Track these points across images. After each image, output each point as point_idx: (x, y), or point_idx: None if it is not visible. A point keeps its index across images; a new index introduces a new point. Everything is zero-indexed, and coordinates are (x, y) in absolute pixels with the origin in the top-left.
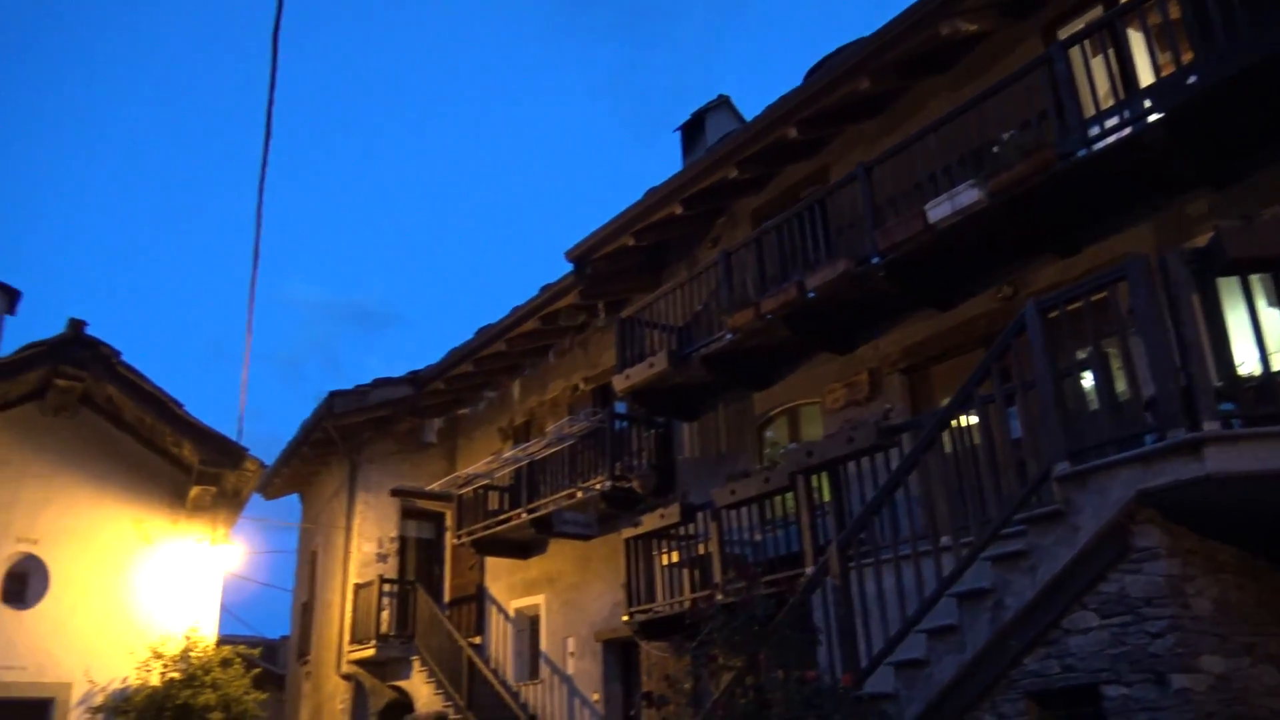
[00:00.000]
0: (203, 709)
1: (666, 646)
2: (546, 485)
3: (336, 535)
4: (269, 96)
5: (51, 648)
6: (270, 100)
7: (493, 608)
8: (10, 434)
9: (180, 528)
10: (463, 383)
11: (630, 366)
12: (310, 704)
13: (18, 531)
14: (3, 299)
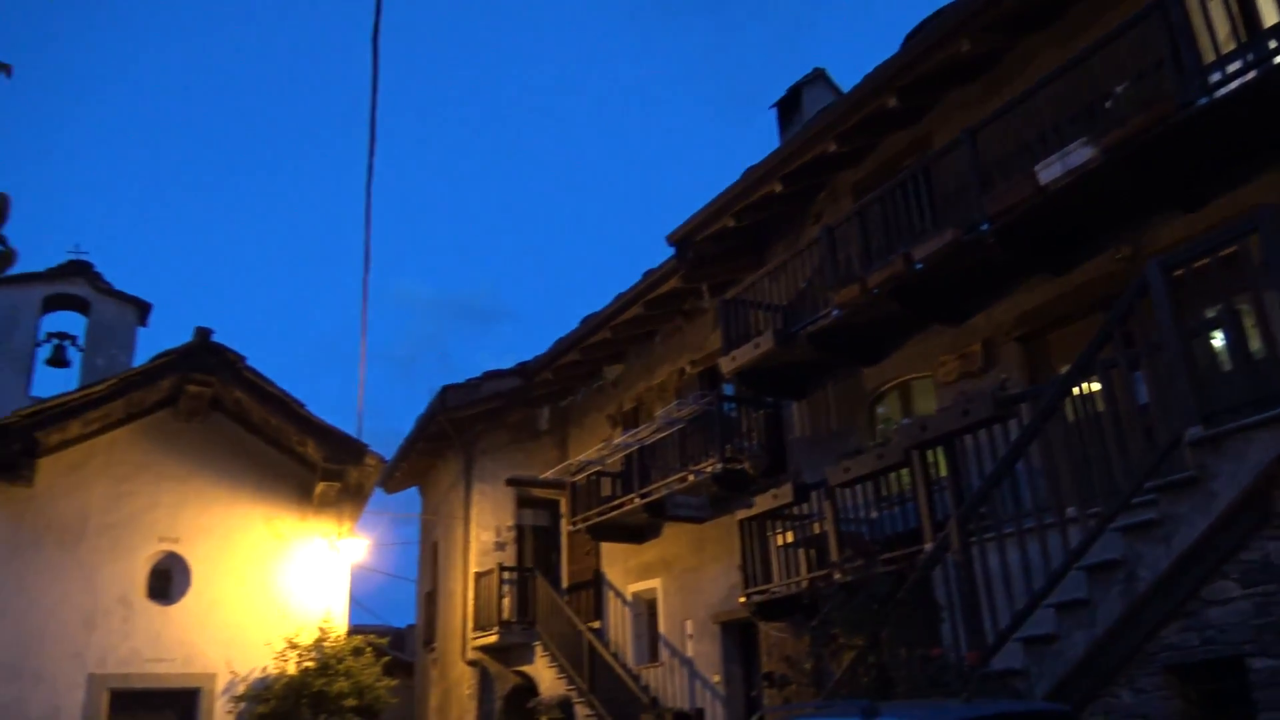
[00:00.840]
0: (337, 696)
1: (785, 627)
2: (658, 470)
3: (455, 525)
4: (372, 99)
5: (195, 640)
6: (373, 102)
7: (610, 592)
8: (148, 440)
9: (308, 523)
10: (571, 371)
11: (736, 348)
12: (438, 690)
13: (160, 531)
14: (134, 311)
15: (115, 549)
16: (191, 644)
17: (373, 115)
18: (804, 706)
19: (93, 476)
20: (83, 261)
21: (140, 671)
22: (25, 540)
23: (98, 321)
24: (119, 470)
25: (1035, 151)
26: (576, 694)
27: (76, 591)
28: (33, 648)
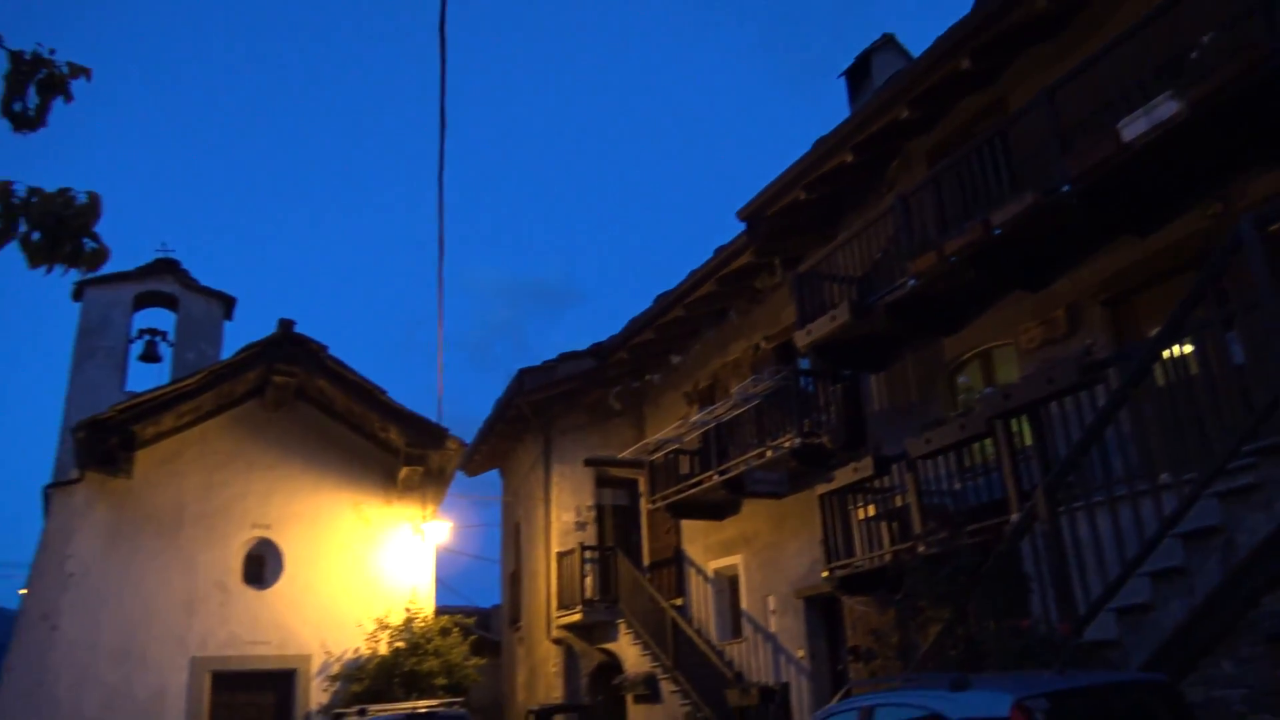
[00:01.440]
0: (427, 675)
1: (869, 601)
2: (735, 446)
3: (536, 506)
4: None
5: (290, 623)
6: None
7: (691, 569)
8: (238, 430)
9: (393, 507)
10: (645, 351)
11: (811, 321)
12: (525, 668)
13: (252, 518)
14: (220, 306)
15: (211, 536)
16: (287, 627)
17: (441, 103)
18: (891, 680)
19: (187, 467)
20: (170, 259)
21: (239, 654)
22: (127, 530)
23: (186, 317)
24: (211, 460)
25: (1117, 108)
26: (661, 670)
27: (176, 578)
28: (138, 632)
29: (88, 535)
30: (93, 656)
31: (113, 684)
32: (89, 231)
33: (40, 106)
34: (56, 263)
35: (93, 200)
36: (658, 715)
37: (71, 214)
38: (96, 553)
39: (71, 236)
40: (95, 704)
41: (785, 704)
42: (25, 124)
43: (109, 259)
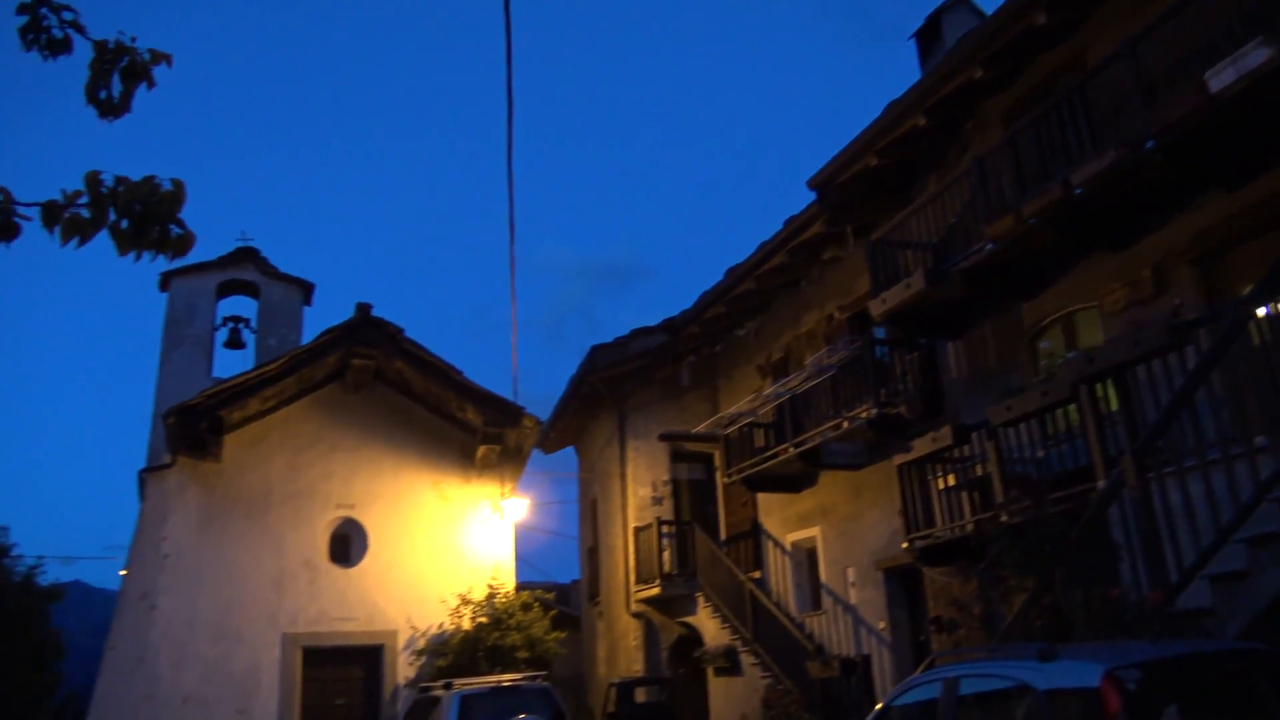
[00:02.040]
0: (510, 649)
1: (951, 571)
2: (811, 418)
3: (612, 482)
4: (507, 69)
5: (376, 599)
6: (508, 72)
7: (769, 542)
8: (320, 413)
9: (472, 486)
10: (717, 325)
11: (885, 290)
12: (605, 642)
13: (336, 499)
14: (300, 292)
15: (297, 516)
16: (373, 603)
17: (509, 86)
18: (975, 650)
19: (272, 450)
20: (250, 248)
21: (328, 630)
22: (218, 512)
23: (267, 303)
24: (295, 443)
25: (1203, 58)
26: (741, 643)
27: (266, 557)
28: (232, 610)
29: (181, 517)
30: (190, 634)
31: (210, 660)
32: (174, 218)
33: (124, 94)
34: (144, 249)
35: (177, 187)
36: (738, 688)
37: (157, 201)
38: (190, 534)
39: (158, 223)
40: (194, 679)
41: (867, 676)
42: (110, 111)
43: (194, 244)
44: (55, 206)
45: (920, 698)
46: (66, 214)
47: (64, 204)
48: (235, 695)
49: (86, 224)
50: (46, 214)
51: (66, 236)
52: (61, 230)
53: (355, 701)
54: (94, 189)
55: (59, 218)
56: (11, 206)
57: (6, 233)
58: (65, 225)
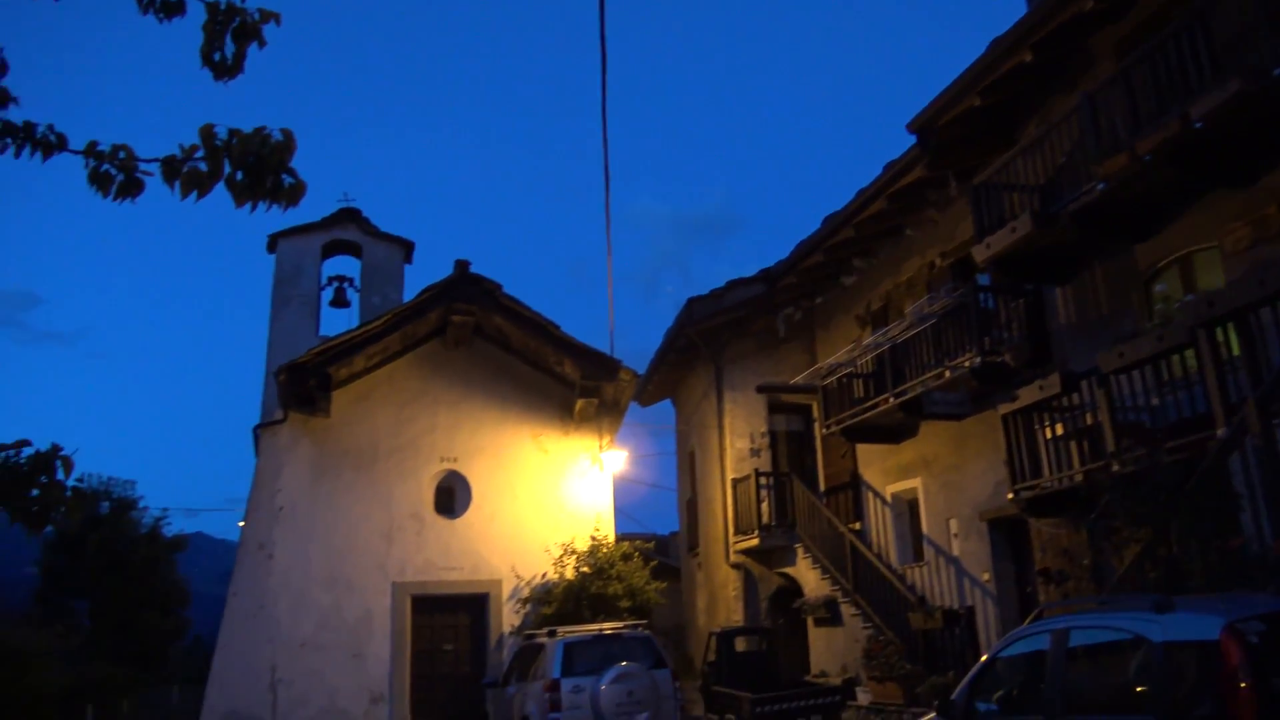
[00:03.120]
0: (612, 598)
1: (1059, 522)
2: (911, 368)
3: (709, 434)
4: (600, 27)
5: (480, 550)
6: (602, 23)
7: (869, 493)
8: (423, 368)
9: (571, 439)
10: (814, 274)
11: (990, 235)
12: (704, 592)
13: (440, 452)
14: (401, 250)
15: (403, 469)
16: (477, 554)
17: (602, 39)
18: (1086, 602)
19: (378, 405)
20: (352, 208)
21: (435, 579)
22: (328, 465)
23: (369, 263)
24: (399, 398)
25: None
26: (841, 594)
27: (375, 509)
28: (344, 560)
29: (294, 471)
30: (305, 582)
31: (325, 606)
32: (286, 167)
33: (237, 54)
34: (259, 200)
35: (287, 137)
36: (839, 638)
37: (269, 151)
38: (302, 487)
39: (271, 173)
40: (310, 625)
41: (970, 627)
42: (225, 72)
43: (305, 193)
44: (174, 161)
45: (1028, 649)
46: (185, 168)
47: (182, 158)
48: (350, 640)
49: (204, 177)
50: (166, 169)
51: (186, 190)
52: (181, 184)
53: (462, 647)
54: (209, 142)
55: (178, 172)
56: (134, 163)
57: (131, 189)
58: (184, 179)
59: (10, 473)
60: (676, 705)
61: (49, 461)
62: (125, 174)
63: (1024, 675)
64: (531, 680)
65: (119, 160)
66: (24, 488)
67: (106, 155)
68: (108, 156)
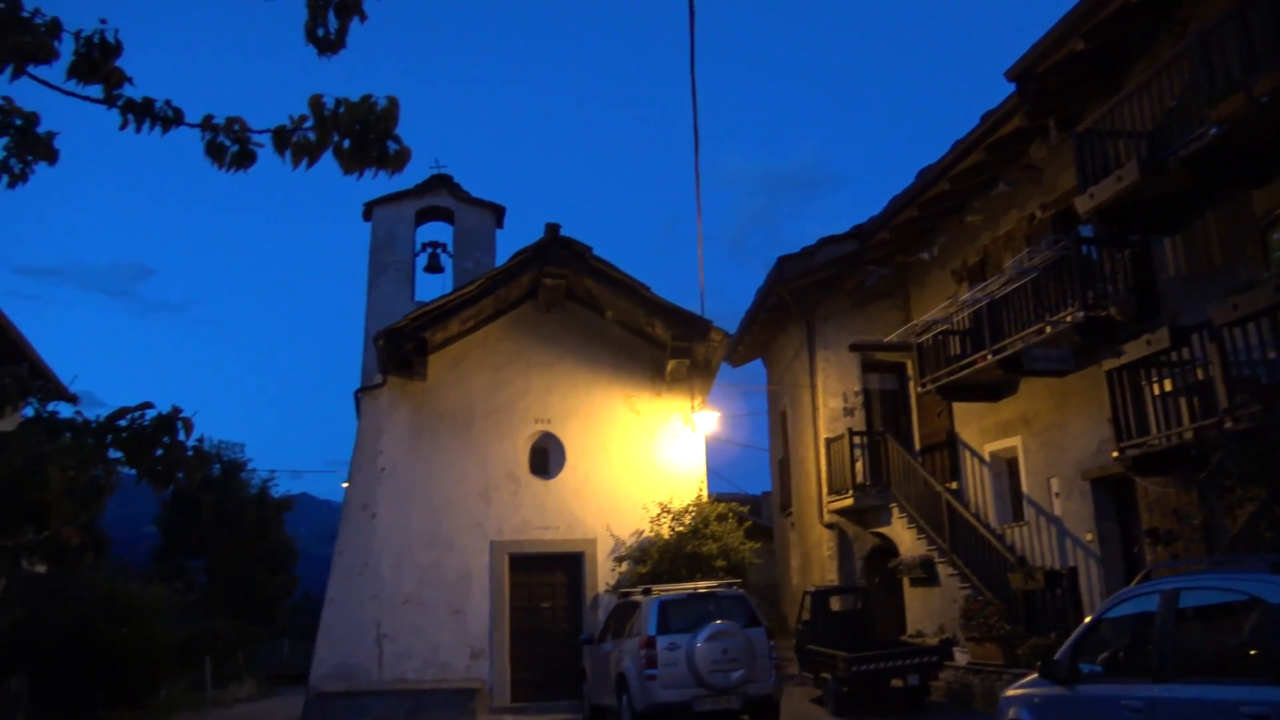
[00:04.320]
0: (707, 558)
1: (1167, 481)
2: (1010, 323)
3: (802, 394)
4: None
5: (575, 509)
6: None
7: (965, 452)
8: (516, 331)
9: (663, 400)
10: (908, 230)
11: (1093, 184)
12: (798, 552)
13: (534, 414)
14: (492, 215)
15: (499, 431)
16: (572, 513)
17: None
18: (1197, 562)
19: (473, 369)
20: (444, 175)
21: (531, 538)
22: (426, 427)
23: (462, 228)
24: (494, 361)
25: None
26: (938, 554)
27: (472, 470)
28: (444, 519)
29: (394, 433)
30: (406, 541)
31: (426, 565)
32: (391, 134)
33: (340, 29)
34: (366, 167)
35: (392, 104)
36: (936, 598)
37: (375, 119)
38: (402, 448)
39: (377, 140)
40: (412, 582)
41: (1073, 588)
42: (328, 47)
43: (410, 159)
44: (284, 131)
45: (1135, 610)
46: (295, 138)
47: (292, 128)
48: (450, 597)
49: (313, 146)
50: (277, 139)
51: (296, 159)
52: (292, 154)
53: (559, 605)
54: (318, 111)
55: (288, 142)
56: (247, 135)
57: (244, 160)
58: (294, 149)
59: (136, 434)
60: (771, 664)
61: (171, 423)
62: (239, 145)
63: (1131, 637)
64: (627, 637)
65: (233, 132)
66: (149, 448)
67: (221, 128)
68: (222, 129)
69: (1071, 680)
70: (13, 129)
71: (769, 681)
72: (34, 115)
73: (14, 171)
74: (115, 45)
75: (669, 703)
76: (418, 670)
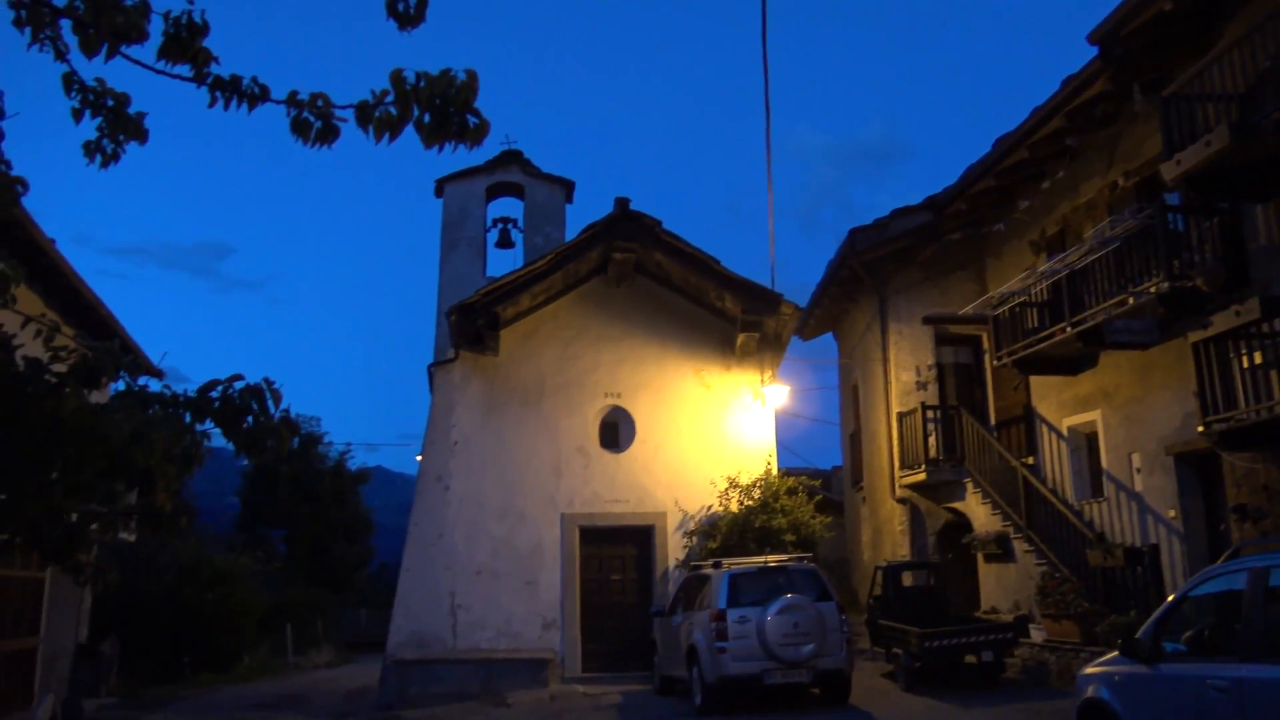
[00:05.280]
0: (777, 532)
1: (1257, 456)
2: (1091, 295)
3: (874, 368)
4: None
5: (644, 483)
6: None
7: (1043, 427)
8: (585, 306)
9: (733, 374)
10: (984, 200)
11: (1180, 150)
12: (869, 527)
13: (604, 388)
14: (562, 190)
15: (569, 405)
16: (642, 487)
17: None
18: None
19: (543, 343)
20: (514, 150)
21: (602, 511)
22: (498, 402)
23: (532, 203)
24: (564, 335)
25: None
26: (1013, 530)
27: (543, 444)
28: (516, 492)
29: (466, 407)
30: (479, 513)
31: (498, 536)
32: (471, 107)
33: (420, 3)
34: (446, 140)
35: (471, 77)
36: (1010, 574)
37: (455, 92)
38: (474, 422)
39: (456, 114)
40: (485, 553)
41: (1155, 566)
42: (408, 22)
43: (489, 132)
44: (367, 106)
45: (1222, 588)
46: (377, 113)
47: (374, 103)
48: (522, 569)
49: (394, 120)
50: (360, 114)
51: (379, 134)
52: (374, 129)
53: (629, 578)
54: (399, 86)
55: (371, 117)
56: (330, 110)
57: (328, 135)
58: (376, 124)
59: (228, 405)
60: (843, 638)
61: (260, 394)
62: (323, 121)
63: (1217, 616)
64: (698, 610)
65: (317, 108)
66: (240, 418)
67: (305, 104)
68: (307, 105)
69: (1154, 659)
70: (106, 110)
71: (840, 656)
72: (125, 96)
73: (106, 152)
74: (202, 25)
75: (739, 675)
76: (491, 640)
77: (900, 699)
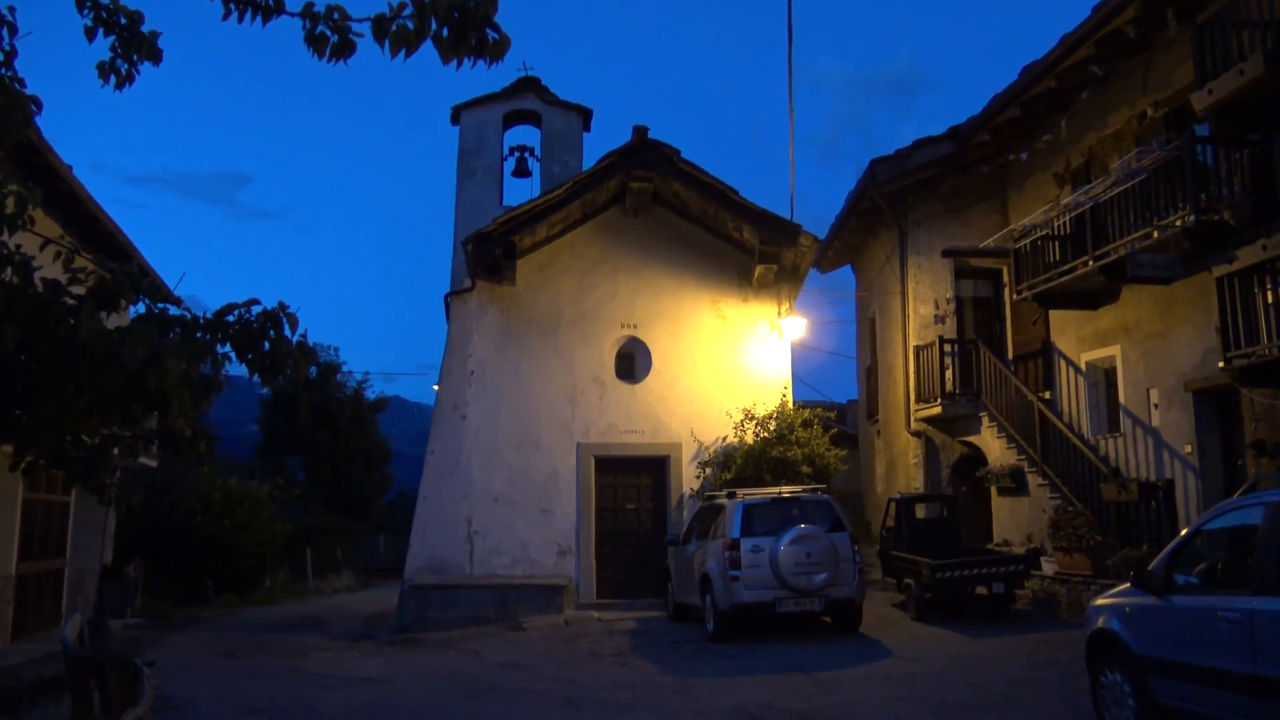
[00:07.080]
0: (792, 463)
1: (1277, 393)
2: (1115, 228)
3: (892, 301)
4: None
5: (660, 414)
6: None
7: (1061, 361)
8: (602, 236)
9: (750, 305)
10: (1009, 131)
11: (1213, 79)
12: (883, 460)
13: (620, 318)
14: (579, 119)
15: (585, 335)
16: (657, 418)
17: None
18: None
19: (560, 273)
20: (532, 77)
21: (617, 441)
22: (515, 332)
23: (549, 132)
24: (581, 265)
25: None
26: (1028, 463)
27: (559, 374)
28: (532, 421)
29: (483, 337)
30: (495, 442)
31: (514, 465)
32: (490, 21)
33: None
34: (465, 55)
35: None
36: (1024, 508)
37: (473, 6)
38: (491, 352)
39: (475, 29)
40: (502, 481)
41: (1169, 500)
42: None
43: (510, 48)
44: (383, 20)
45: (1237, 522)
46: (394, 26)
47: (391, 17)
48: (538, 497)
49: (411, 34)
50: (376, 28)
51: (396, 48)
52: (391, 42)
53: (644, 507)
54: None
55: (387, 30)
56: (346, 24)
57: (343, 50)
58: (393, 38)
59: (244, 329)
60: (855, 568)
61: (276, 318)
62: (338, 34)
63: (1230, 549)
64: (711, 539)
65: (333, 21)
66: (257, 342)
67: (321, 16)
68: (322, 18)
69: (1166, 591)
70: (119, 28)
71: (852, 585)
72: (139, 14)
73: (120, 73)
74: None
75: (752, 603)
76: (507, 566)
77: (911, 628)
